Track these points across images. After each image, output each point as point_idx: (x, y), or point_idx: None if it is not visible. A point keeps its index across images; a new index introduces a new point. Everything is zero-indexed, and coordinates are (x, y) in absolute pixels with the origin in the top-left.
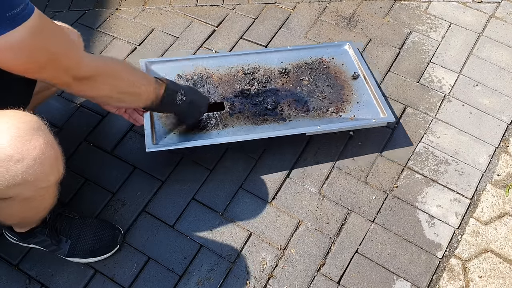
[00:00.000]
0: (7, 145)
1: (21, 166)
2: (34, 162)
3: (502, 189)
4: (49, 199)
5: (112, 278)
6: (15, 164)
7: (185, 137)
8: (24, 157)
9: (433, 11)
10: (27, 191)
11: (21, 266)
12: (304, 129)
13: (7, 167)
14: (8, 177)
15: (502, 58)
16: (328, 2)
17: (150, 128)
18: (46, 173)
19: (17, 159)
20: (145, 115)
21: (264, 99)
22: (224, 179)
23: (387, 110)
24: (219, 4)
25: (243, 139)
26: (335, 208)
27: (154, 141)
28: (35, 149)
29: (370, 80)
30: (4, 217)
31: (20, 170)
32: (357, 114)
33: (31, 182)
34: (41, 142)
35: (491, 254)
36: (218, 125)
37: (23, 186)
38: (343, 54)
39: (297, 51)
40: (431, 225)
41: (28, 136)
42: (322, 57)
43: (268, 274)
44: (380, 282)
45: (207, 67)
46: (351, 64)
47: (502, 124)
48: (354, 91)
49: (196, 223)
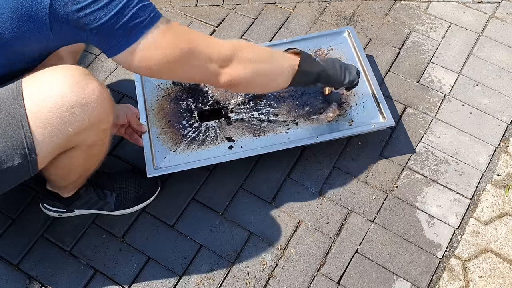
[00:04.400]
0: (69, 92)
1: (87, 109)
2: (97, 104)
3: (502, 189)
4: (107, 143)
5: (112, 278)
6: (81, 108)
7: (184, 156)
8: (87, 101)
9: (433, 11)
10: (90, 136)
11: (21, 266)
12: (303, 141)
13: (74, 113)
14: (76, 122)
15: (502, 58)
16: (328, 2)
17: (150, 150)
18: (107, 113)
19: (82, 104)
20: (144, 136)
21: (261, 104)
22: (224, 179)
23: (387, 113)
24: (219, 4)
25: (242, 156)
26: (335, 208)
27: (155, 164)
28: (94, 91)
29: (370, 77)
30: (69, 173)
31: (87, 113)
32: (356, 118)
33: (95, 125)
34: (96, 85)
35: (491, 254)
36: (217, 138)
37: (89, 130)
38: (342, 44)
39: (294, 43)
40: (431, 225)
41: (84, 81)
42: (321, 49)
43: (268, 274)
44: (380, 282)
45: None
46: (351, 56)
47: (502, 124)
48: (353, 90)
49: (196, 223)
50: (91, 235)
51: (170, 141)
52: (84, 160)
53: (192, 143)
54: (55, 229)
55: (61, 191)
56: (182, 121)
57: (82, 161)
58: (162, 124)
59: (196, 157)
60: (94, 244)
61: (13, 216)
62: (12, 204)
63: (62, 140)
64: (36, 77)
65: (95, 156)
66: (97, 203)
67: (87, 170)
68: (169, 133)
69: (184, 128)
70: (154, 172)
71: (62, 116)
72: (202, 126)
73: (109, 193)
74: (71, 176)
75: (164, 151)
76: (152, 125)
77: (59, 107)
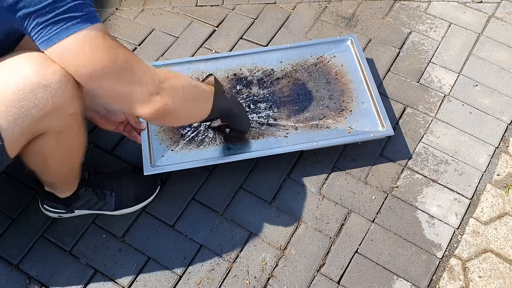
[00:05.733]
0: (31, 73)
1: (50, 90)
2: (60, 84)
3: (502, 189)
4: (79, 133)
5: (112, 278)
6: (43, 90)
7: (182, 155)
8: (49, 82)
9: (433, 11)
10: (57, 121)
11: (21, 266)
12: (302, 145)
13: (36, 94)
14: (39, 104)
15: (502, 58)
16: (328, 2)
17: (148, 148)
18: (72, 95)
19: (44, 85)
20: (143, 134)
21: (261, 107)
22: (224, 179)
23: (386, 123)
24: (219, 4)
25: (240, 158)
26: (335, 208)
27: (152, 162)
28: (56, 72)
29: (372, 85)
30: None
31: (50, 95)
32: (355, 125)
33: (60, 108)
34: (59, 67)
35: (491, 254)
36: (215, 138)
37: (54, 114)
38: (345, 51)
39: (297, 48)
40: (431, 225)
41: (47, 62)
42: (323, 55)
43: (268, 274)
44: (380, 282)
45: (204, 70)
46: (353, 64)
47: (502, 124)
48: (354, 98)
49: (196, 223)
50: (91, 235)
51: (168, 139)
52: (56, 149)
53: (191, 143)
54: (55, 229)
55: (57, 191)
56: None
57: (54, 148)
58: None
59: (194, 157)
60: (94, 244)
61: (13, 216)
62: (12, 204)
63: (27, 124)
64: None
65: (70, 146)
66: (97, 204)
67: (66, 163)
68: (168, 131)
69: (183, 128)
70: (151, 170)
71: (24, 98)
72: (201, 126)
73: (109, 193)
74: (49, 167)
75: (162, 149)
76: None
77: (21, 89)
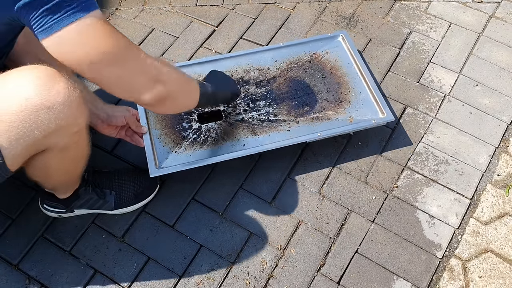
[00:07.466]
0: (34, 95)
1: (53, 112)
2: (63, 106)
3: (502, 189)
4: (84, 146)
5: (112, 278)
6: (46, 112)
7: (186, 156)
8: (53, 103)
9: (433, 11)
10: (62, 139)
11: (21, 266)
12: (305, 137)
13: (39, 116)
14: (42, 126)
15: (502, 58)
16: (328, 2)
17: (151, 151)
18: (75, 115)
19: (47, 107)
20: (145, 137)
21: (260, 105)
22: (224, 179)
23: (386, 109)
24: (219, 4)
25: (246, 154)
26: (335, 208)
27: (157, 164)
28: (59, 94)
29: (367, 76)
30: (47, 175)
31: (53, 116)
32: (355, 115)
33: (64, 128)
34: (63, 86)
35: (491, 254)
36: (218, 138)
37: (57, 133)
38: (337, 47)
39: (290, 47)
40: (431, 225)
41: (50, 83)
42: (316, 52)
43: (268, 274)
44: (380, 282)
45: (201, 73)
46: (346, 58)
47: (502, 124)
48: (351, 89)
49: (196, 223)
50: (91, 235)
51: (171, 142)
52: (60, 163)
53: (194, 144)
54: (55, 229)
55: (56, 193)
56: (182, 123)
57: (58, 164)
58: (163, 125)
59: (198, 157)
60: (94, 244)
61: (13, 216)
62: (12, 204)
63: (30, 143)
64: (2, 79)
65: (73, 159)
66: (96, 203)
67: (69, 173)
68: (170, 134)
69: (185, 130)
70: (157, 172)
71: (26, 119)
72: (202, 127)
73: (108, 191)
74: (51, 178)
75: (166, 151)
76: (152, 127)
77: (23, 110)
